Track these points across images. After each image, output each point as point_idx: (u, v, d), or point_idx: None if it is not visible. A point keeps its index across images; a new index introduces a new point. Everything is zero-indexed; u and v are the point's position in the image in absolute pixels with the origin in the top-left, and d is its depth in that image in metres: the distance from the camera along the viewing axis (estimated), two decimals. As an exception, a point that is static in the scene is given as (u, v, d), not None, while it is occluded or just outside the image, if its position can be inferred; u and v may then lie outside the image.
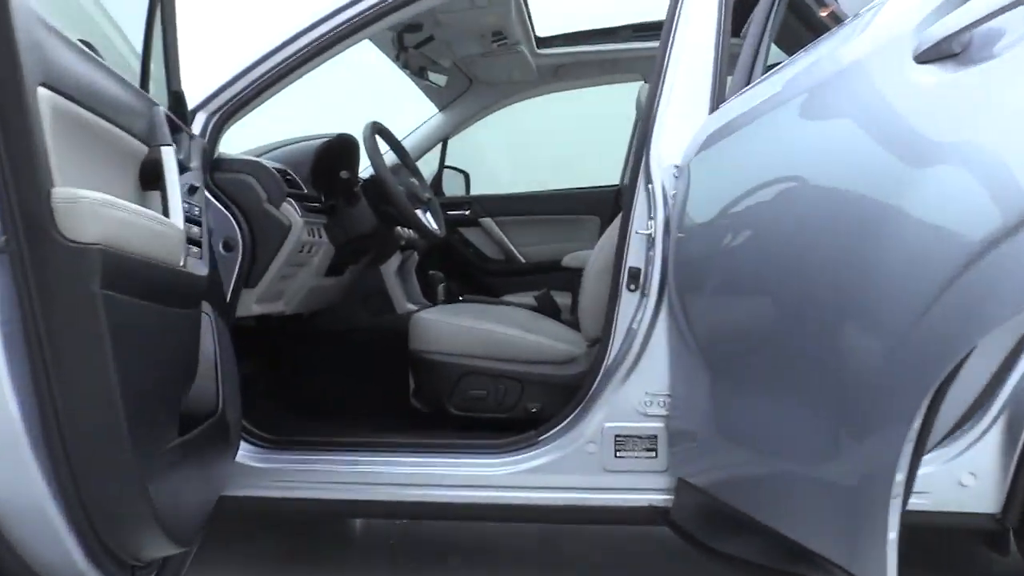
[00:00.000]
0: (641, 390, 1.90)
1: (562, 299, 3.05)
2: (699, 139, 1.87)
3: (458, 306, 2.64)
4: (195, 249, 1.54)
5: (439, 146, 3.79)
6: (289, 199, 2.18)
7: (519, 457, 1.97)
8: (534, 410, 2.21)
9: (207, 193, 2.08)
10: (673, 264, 1.84)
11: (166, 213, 1.36)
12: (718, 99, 1.96)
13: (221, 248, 2.08)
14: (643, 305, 1.89)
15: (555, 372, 2.21)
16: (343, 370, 2.72)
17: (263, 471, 2.05)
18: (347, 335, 2.81)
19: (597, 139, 4.24)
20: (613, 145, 3.77)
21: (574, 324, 2.63)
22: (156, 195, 1.49)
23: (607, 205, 3.56)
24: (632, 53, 3.48)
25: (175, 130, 1.66)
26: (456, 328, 2.25)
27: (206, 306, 1.73)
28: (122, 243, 1.01)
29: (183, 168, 1.64)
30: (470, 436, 2.11)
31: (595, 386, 1.95)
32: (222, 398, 1.66)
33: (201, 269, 1.51)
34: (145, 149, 1.43)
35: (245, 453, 2.06)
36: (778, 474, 1.50)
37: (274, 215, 2.14)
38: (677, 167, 1.89)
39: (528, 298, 3.04)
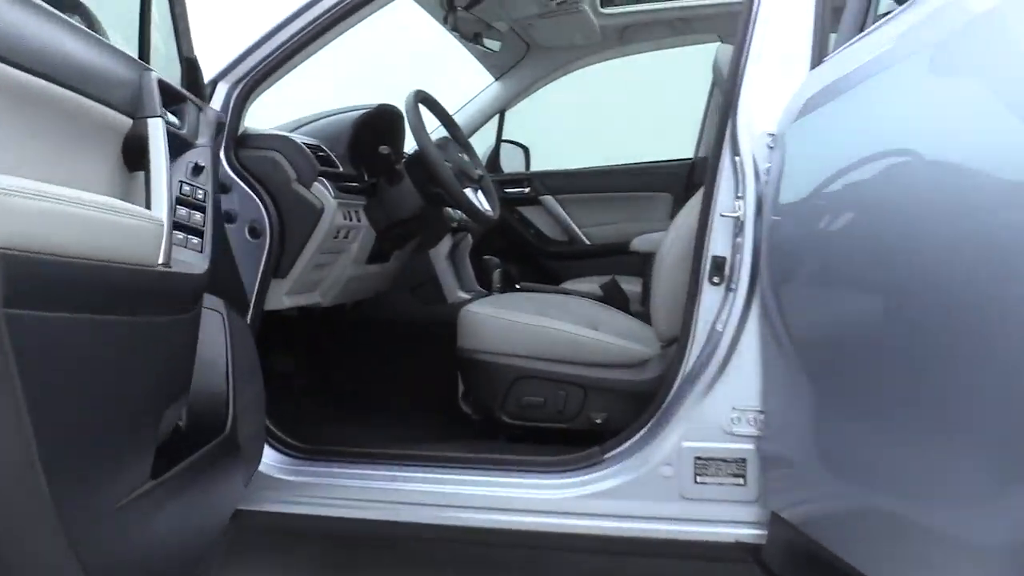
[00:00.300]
0: (727, 404, 1.60)
1: (630, 286, 2.76)
2: (798, 102, 1.55)
3: (512, 297, 2.37)
4: (194, 240, 1.30)
5: (496, 119, 3.49)
6: (321, 178, 1.94)
7: (582, 479, 1.71)
8: (599, 421, 1.92)
9: (231, 172, 1.87)
10: (767, 252, 1.54)
11: (148, 198, 1.12)
12: (819, 54, 1.63)
13: (247, 234, 1.86)
14: (729, 301, 1.59)
15: (624, 377, 1.92)
16: (388, 366, 2.49)
17: (290, 484, 1.84)
18: (393, 327, 2.57)
19: (668, 108, 3.94)
20: (686, 114, 3.45)
21: (645, 316, 2.33)
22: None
23: (680, 181, 3.27)
24: (708, 10, 3.12)
25: (177, 100, 1.42)
26: (509, 325, 1.97)
27: (218, 303, 1.50)
28: (45, 243, 0.77)
29: (186, 144, 1.41)
30: (525, 451, 1.84)
31: (671, 396, 1.67)
32: (234, 411, 1.43)
33: (198, 264, 1.27)
34: (129, 123, 1.19)
35: (272, 463, 1.86)
36: (907, 523, 1.17)
37: (304, 197, 1.91)
38: (772, 135, 1.57)
39: (592, 285, 2.75)
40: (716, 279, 1.62)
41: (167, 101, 1.37)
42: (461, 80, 3.46)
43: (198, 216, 1.33)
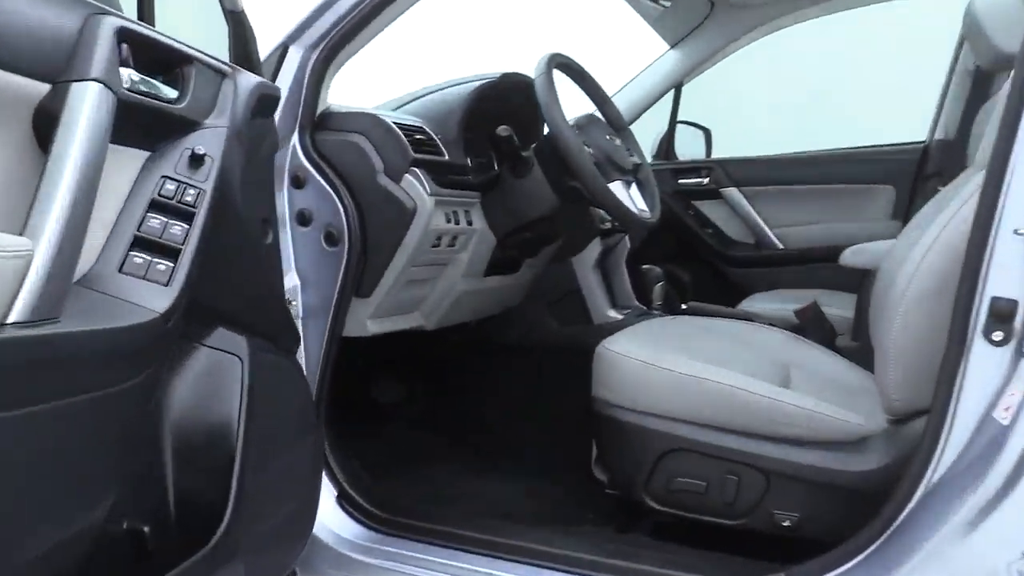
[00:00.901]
0: (1012, 545, 0.98)
1: (835, 309, 2.08)
2: None
3: (672, 325, 1.79)
4: (161, 265, 0.88)
5: (671, 95, 2.90)
6: (415, 169, 1.49)
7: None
8: (786, 524, 1.31)
9: (306, 162, 1.47)
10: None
11: (31, 209, 0.70)
12: None
13: (323, 241, 1.47)
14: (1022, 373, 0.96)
15: (827, 463, 1.29)
16: (512, 400, 2.02)
17: (359, 565, 1.45)
18: (524, 352, 2.09)
19: (889, 77, 3.26)
20: (915, 84, 2.79)
21: (856, 356, 1.68)
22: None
23: (907, 170, 2.60)
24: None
25: (183, 61, 1.00)
26: (660, 374, 1.39)
27: (238, 343, 1.09)
28: None
29: (187, 124, 0.99)
30: (672, 556, 1.30)
31: (908, 512, 1.07)
32: (237, 497, 1.01)
33: (156, 303, 0.84)
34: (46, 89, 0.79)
35: (342, 533, 1.49)
36: None
37: (391, 193, 1.48)
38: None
39: (786, 308, 2.11)
40: (998, 335, 1.00)
41: (163, 64, 0.97)
42: (626, 47, 2.90)
43: (177, 229, 0.91)
